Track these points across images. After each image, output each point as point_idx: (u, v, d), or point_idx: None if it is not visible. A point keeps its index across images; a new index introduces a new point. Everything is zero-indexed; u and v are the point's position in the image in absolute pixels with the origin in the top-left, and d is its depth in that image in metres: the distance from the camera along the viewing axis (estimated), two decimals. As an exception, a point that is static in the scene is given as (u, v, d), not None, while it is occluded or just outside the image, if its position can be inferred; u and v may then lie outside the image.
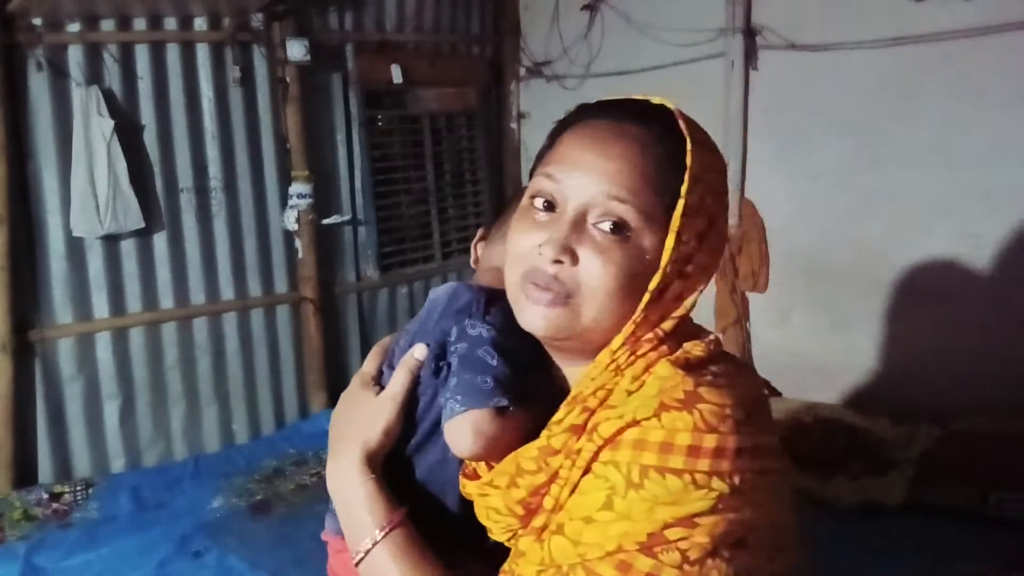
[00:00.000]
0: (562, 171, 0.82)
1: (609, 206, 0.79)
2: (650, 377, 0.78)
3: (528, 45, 4.73)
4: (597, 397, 0.80)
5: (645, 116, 0.83)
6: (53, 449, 3.41)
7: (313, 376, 4.11)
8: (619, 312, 0.80)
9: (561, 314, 0.80)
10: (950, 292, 3.29)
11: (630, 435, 0.74)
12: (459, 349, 0.89)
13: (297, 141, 3.89)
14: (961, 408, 3.18)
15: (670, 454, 0.72)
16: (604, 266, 0.78)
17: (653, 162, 0.80)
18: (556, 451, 0.79)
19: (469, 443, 0.83)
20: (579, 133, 0.85)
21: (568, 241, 0.79)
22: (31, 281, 3.32)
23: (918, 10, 3.20)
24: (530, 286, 0.81)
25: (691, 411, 0.74)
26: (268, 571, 2.86)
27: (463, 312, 0.92)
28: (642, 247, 0.79)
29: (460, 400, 0.84)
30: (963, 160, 3.20)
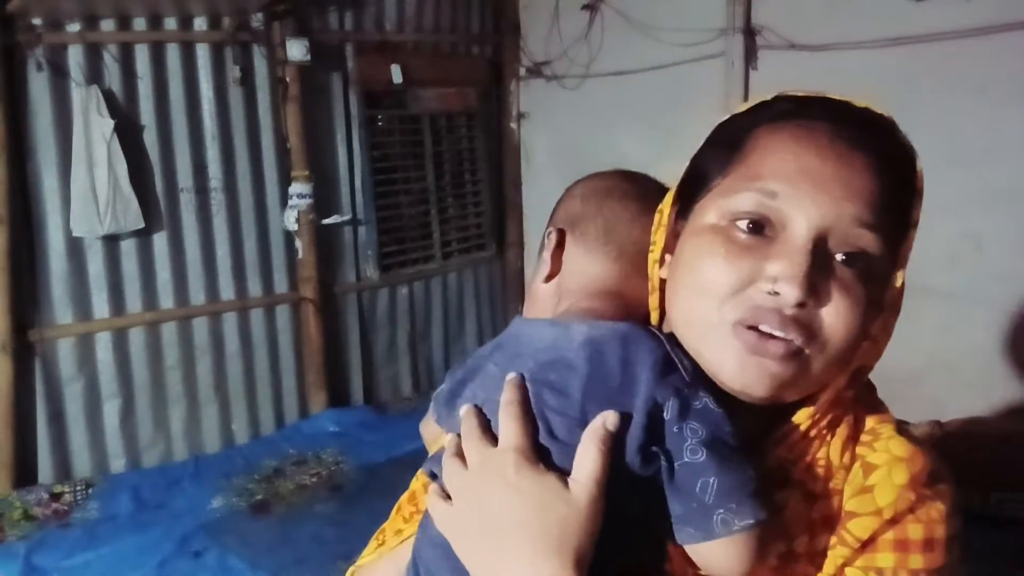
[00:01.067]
0: (789, 185, 0.63)
1: (856, 233, 0.62)
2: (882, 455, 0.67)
3: (528, 45, 4.73)
4: (816, 476, 0.67)
5: (867, 123, 0.67)
6: (53, 449, 3.41)
7: (313, 376, 4.10)
8: (848, 363, 0.65)
9: (791, 370, 0.62)
10: (950, 292, 3.29)
11: (889, 535, 0.64)
12: (692, 432, 0.63)
13: (297, 141, 3.89)
14: (961, 408, 3.18)
15: (933, 552, 0.64)
16: (852, 310, 0.62)
17: (891, 180, 0.65)
18: (798, 556, 0.66)
19: (750, 564, 0.63)
20: (799, 137, 0.65)
21: (814, 277, 0.61)
22: (31, 281, 3.32)
23: (918, 10, 3.20)
24: (747, 332, 0.62)
25: (942, 498, 0.66)
26: (268, 571, 2.86)
27: (671, 374, 0.65)
28: (879, 284, 0.65)
29: (735, 511, 0.61)
30: (963, 159, 3.20)
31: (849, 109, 0.68)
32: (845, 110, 0.68)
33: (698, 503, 0.62)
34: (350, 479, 3.56)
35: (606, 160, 0.93)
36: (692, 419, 0.63)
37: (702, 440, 0.63)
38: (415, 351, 4.59)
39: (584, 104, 4.47)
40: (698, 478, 0.62)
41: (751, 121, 0.69)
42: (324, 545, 3.00)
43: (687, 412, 0.64)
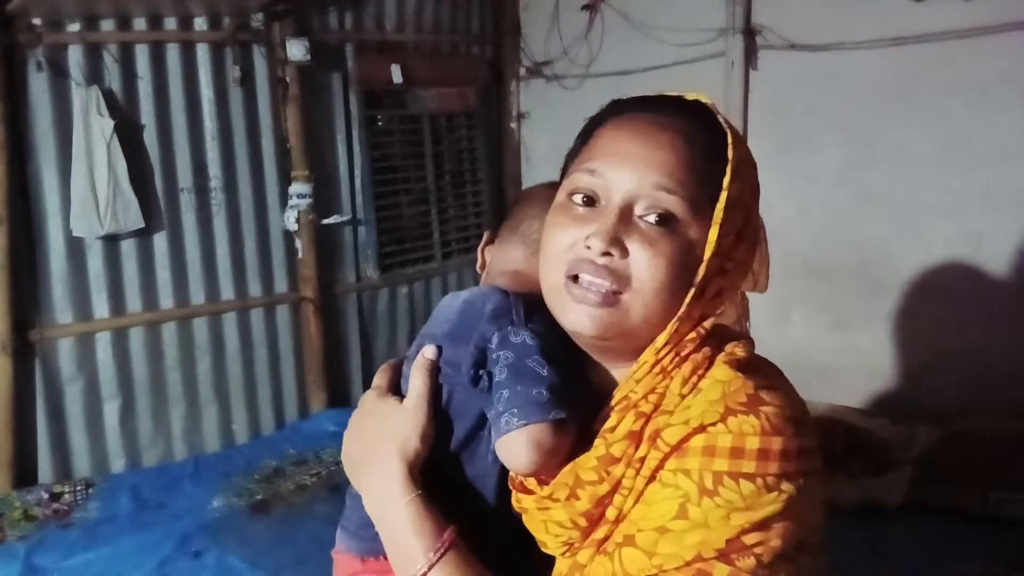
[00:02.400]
0: (605, 164, 0.80)
1: (657, 196, 0.77)
2: (707, 380, 0.77)
3: (528, 45, 4.73)
4: (649, 402, 0.78)
5: (683, 110, 0.82)
6: (53, 449, 3.41)
7: (313, 376, 4.10)
8: (665, 308, 0.77)
9: (610, 313, 0.77)
10: (950, 292, 3.29)
11: (698, 441, 0.73)
12: (505, 358, 0.84)
13: (297, 141, 3.89)
14: (961, 408, 3.18)
15: (741, 459, 0.71)
16: (654, 258, 0.76)
17: (697, 153, 0.79)
18: (616, 459, 0.77)
19: (529, 458, 0.79)
20: (619, 126, 0.83)
21: (616, 232, 0.77)
22: (31, 281, 3.32)
23: (918, 10, 3.21)
24: (575, 285, 0.79)
25: (757, 414, 0.72)
26: (268, 571, 2.86)
27: (503, 318, 0.88)
28: (689, 239, 0.77)
29: (516, 413, 0.80)
30: (963, 160, 3.21)
31: (672, 101, 0.84)
32: (660, 101, 0.84)
33: (495, 410, 0.82)
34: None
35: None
36: (506, 348, 0.85)
37: (508, 363, 0.84)
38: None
39: (584, 104, 4.37)
40: (499, 391, 0.83)
41: (600, 120, 0.87)
42: (324, 545, 2.97)
43: (505, 343, 0.85)
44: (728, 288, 0.81)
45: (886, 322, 3.46)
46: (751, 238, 0.82)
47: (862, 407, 3.42)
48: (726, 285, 0.81)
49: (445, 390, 0.89)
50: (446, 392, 0.89)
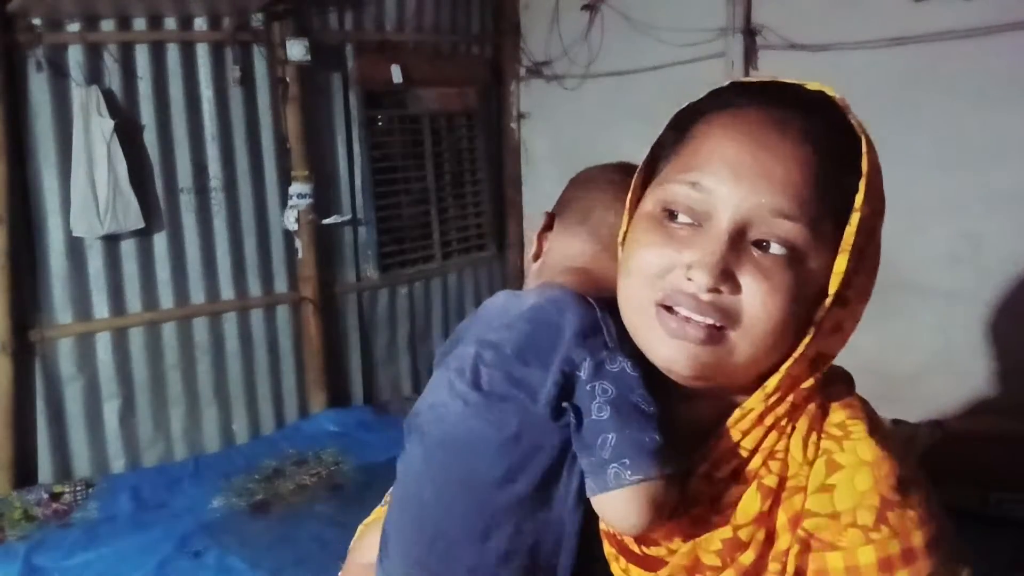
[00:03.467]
0: (712, 178, 0.66)
1: (776, 224, 0.64)
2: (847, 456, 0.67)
3: (528, 45, 4.73)
4: (771, 471, 0.67)
5: (804, 105, 0.68)
6: (53, 449, 3.41)
7: (313, 376, 4.10)
8: (780, 349, 0.66)
9: (713, 352, 0.65)
10: (950, 291, 3.29)
11: (867, 557, 0.64)
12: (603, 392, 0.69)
13: (297, 141, 3.89)
14: (961, 408, 3.18)
15: (916, 562, 0.64)
16: (771, 294, 0.64)
17: (823, 165, 0.65)
18: (744, 544, 0.67)
19: (644, 519, 0.66)
20: (727, 126, 0.68)
21: (728, 264, 0.64)
22: (31, 281, 3.32)
23: (918, 10, 3.20)
24: (669, 315, 0.66)
25: (912, 504, 0.65)
26: (268, 571, 2.86)
27: (593, 338, 0.72)
28: (809, 270, 0.65)
29: (629, 466, 0.66)
30: (963, 160, 3.20)
31: (794, 93, 0.70)
32: (789, 95, 0.69)
33: (597, 457, 0.67)
34: (350, 479, 3.56)
35: (606, 160, 0.94)
36: (604, 379, 0.69)
37: (610, 399, 0.68)
38: (415, 351, 4.59)
39: (584, 104, 4.47)
40: (600, 434, 0.67)
41: (700, 110, 0.72)
42: (324, 545, 3.00)
43: (600, 373, 0.70)
44: (848, 321, 0.69)
45: (886, 322, 3.46)
46: (873, 261, 0.69)
47: (862, 407, 3.42)
48: (846, 317, 0.69)
49: (516, 419, 0.71)
50: (517, 422, 0.71)
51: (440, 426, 0.75)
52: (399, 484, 0.80)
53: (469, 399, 0.73)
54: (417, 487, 0.76)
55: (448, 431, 0.75)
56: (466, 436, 0.73)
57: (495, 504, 0.71)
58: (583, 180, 0.91)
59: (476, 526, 0.72)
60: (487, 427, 0.72)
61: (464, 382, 0.74)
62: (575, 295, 0.76)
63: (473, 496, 0.72)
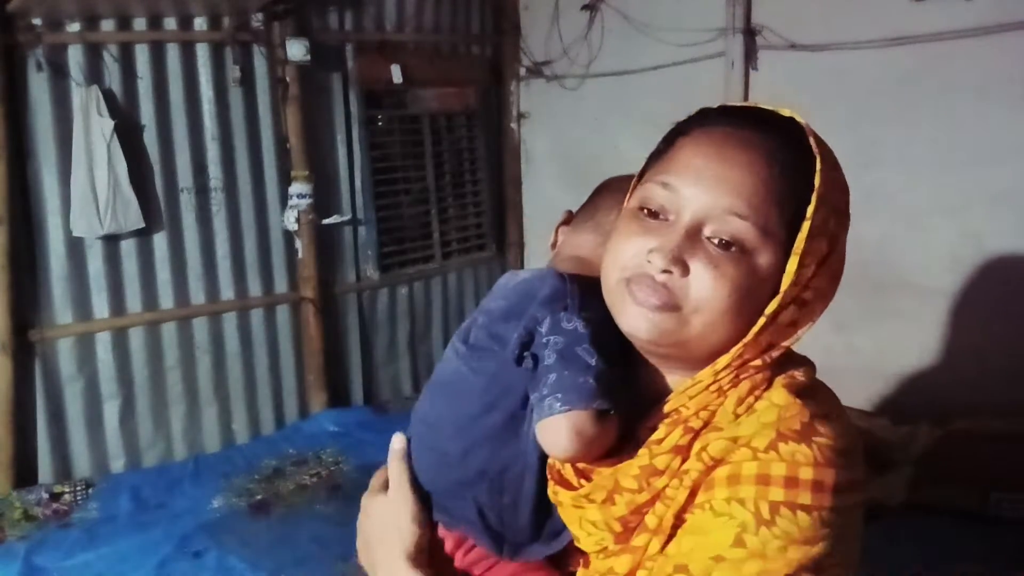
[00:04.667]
0: (678, 180, 0.78)
1: (727, 222, 0.75)
2: (763, 402, 0.76)
3: (528, 45, 4.73)
4: (700, 418, 0.77)
5: (769, 126, 0.79)
6: (53, 449, 3.41)
7: (313, 376, 4.10)
8: (728, 330, 0.76)
9: (667, 319, 0.76)
10: (950, 292, 3.29)
11: (749, 469, 0.72)
12: (554, 343, 0.83)
13: (297, 141, 3.89)
14: (961, 408, 3.18)
15: (796, 489, 0.70)
16: (716, 280, 0.74)
17: (777, 175, 0.76)
18: (659, 471, 0.77)
19: (567, 444, 0.79)
20: (699, 139, 0.80)
21: (680, 251, 0.75)
22: (31, 281, 3.32)
23: (918, 10, 3.20)
24: (634, 287, 0.77)
25: (809, 444, 0.72)
26: (268, 571, 2.86)
27: (557, 302, 0.86)
28: (758, 265, 0.75)
29: (560, 399, 0.79)
30: (963, 160, 3.20)
31: (752, 113, 0.81)
32: (748, 114, 0.81)
33: (538, 393, 0.82)
34: (350, 479, 3.56)
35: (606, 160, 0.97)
36: (557, 334, 0.84)
37: (557, 348, 0.83)
38: (415, 351, 4.59)
39: (584, 104, 4.47)
40: (545, 375, 0.82)
41: (684, 127, 0.84)
42: (324, 545, 3.00)
43: (555, 328, 0.84)
44: (804, 319, 0.78)
45: (886, 322, 3.46)
46: (834, 268, 0.80)
47: (862, 407, 3.42)
48: (802, 316, 0.78)
49: (492, 365, 0.88)
50: (493, 367, 0.87)
51: (438, 374, 0.97)
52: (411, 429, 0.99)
53: (460, 351, 0.92)
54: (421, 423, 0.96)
55: (443, 376, 0.95)
56: (454, 378, 0.92)
57: (474, 431, 0.88)
58: (599, 187, 1.06)
59: (459, 447, 0.89)
60: (469, 372, 0.90)
61: (460, 341, 0.93)
62: (556, 272, 0.91)
63: (458, 425, 0.89)
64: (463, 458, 0.89)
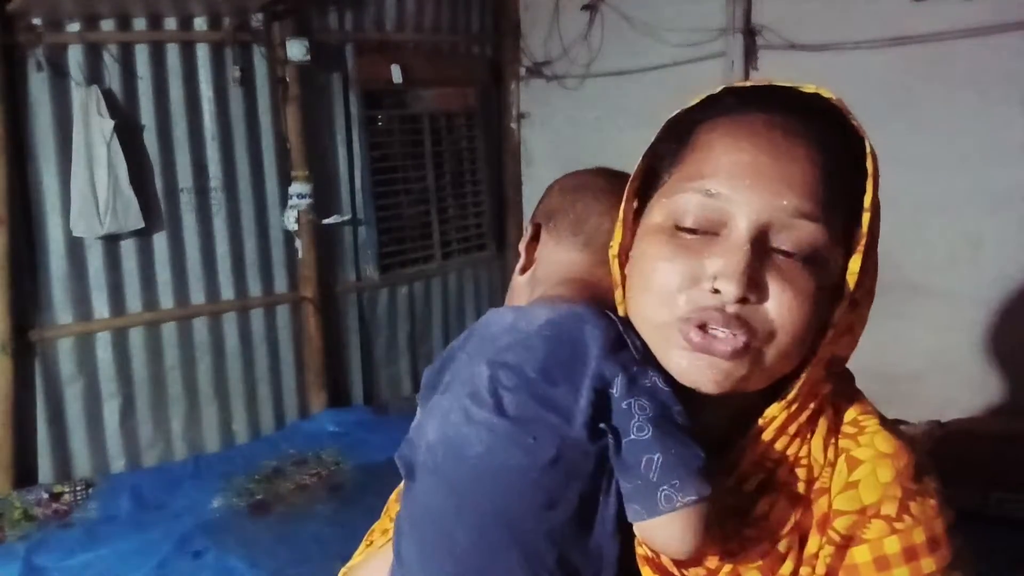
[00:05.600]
0: (727, 184, 0.64)
1: (797, 225, 0.63)
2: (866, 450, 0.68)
3: (528, 45, 4.73)
4: (798, 477, 0.67)
5: (807, 109, 0.67)
6: (53, 449, 3.41)
7: (313, 376, 4.10)
8: (801, 354, 0.65)
9: (740, 366, 0.63)
10: (950, 292, 3.29)
11: (893, 547, 0.65)
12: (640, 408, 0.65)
13: (297, 141, 3.89)
14: (961, 408, 3.18)
15: (939, 549, 0.66)
16: (796, 301, 0.62)
17: (831, 166, 0.65)
18: (783, 556, 0.67)
19: (697, 540, 0.63)
20: (732, 131, 0.66)
21: (754, 271, 0.62)
22: (31, 281, 3.32)
23: (918, 10, 3.21)
24: (694, 330, 0.63)
25: (931, 493, 0.67)
26: (268, 571, 2.86)
27: (621, 353, 0.67)
28: (829, 272, 0.65)
29: (678, 487, 0.62)
30: (963, 160, 3.20)
31: (790, 96, 0.68)
32: (786, 98, 0.68)
33: (643, 480, 0.63)
34: (350, 479, 3.56)
35: (606, 160, 0.94)
36: (640, 396, 0.65)
37: (649, 417, 0.64)
38: (415, 351, 4.59)
39: (584, 104, 4.47)
40: (643, 455, 0.63)
41: (696, 117, 0.70)
42: (324, 545, 3.00)
43: (635, 389, 0.65)
44: (858, 323, 0.69)
45: (886, 322, 3.45)
46: (875, 260, 0.69)
47: (862, 407, 3.42)
48: (856, 319, 0.68)
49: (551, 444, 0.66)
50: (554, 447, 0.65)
51: (463, 461, 0.68)
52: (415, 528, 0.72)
53: (496, 427, 0.67)
54: (447, 529, 0.69)
55: (476, 465, 0.67)
56: (498, 467, 0.66)
57: (535, 536, 0.66)
58: (571, 188, 0.87)
59: (518, 562, 0.66)
60: (521, 455, 0.66)
61: (485, 408, 0.68)
62: (592, 308, 0.71)
63: (512, 531, 0.66)
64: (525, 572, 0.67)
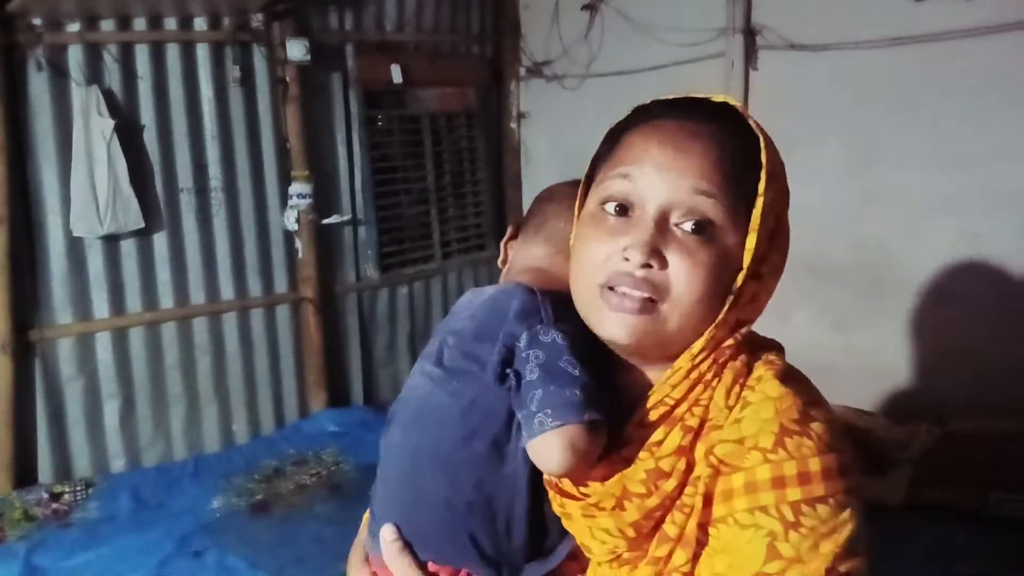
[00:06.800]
0: (638, 170, 0.78)
1: (695, 202, 0.76)
2: (756, 394, 0.77)
3: (528, 45, 4.73)
4: (694, 415, 0.78)
5: (712, 114, 0.81)
6: (53, 449, 3.41)
7: (313, 376, 4.11)
8: (703, 315, 0.77)
9: (647, 321, 0.76)
10: (950, 292, 3.29)
11: (763, 473, 0.72)
12: (535, 357, 0.82)
13: (297, 141, 3.89)
14: (961, 408, 3.18)
15: (810, 483, 0.71)
16: (693, 269, 0.75)
17: (730, 159, 0.78)
18: (666, 474, 0.77)
19: (563, 460, 0.77)
20: (649, 133, 0.81)
21: (656, 242, 0.76)
22: (31, 281, 3.32)
23: (918, 10, 3.21)
24: (611, 293, 0.77)
25: (810, 435, 0.73)
26: (268, 571, 2.86)
27: (531, 316, 0.85)
28: (726, 247, 0.77)
29: (550, 414, 0.78)
30: (963, 160, 3.21)
31: (701, 105, 0.82)
32: (688, 106, 0.82)
33: (527, 410, 0.80)
34: (350, 479, 3.56)
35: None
36: (536, 348, 0.83)
37: (540, 363, 0.81)
38: (415, 351, 4.59)
39: (584, 104, 4.47)
40: (530, 391, 0.80)
41: (627, 124, 0.85)
42: (324, 545, 3.00)
43: (534, 343, 0.83)
44: (763, 293, 0.81)
45: (886, 322, 3.46)
46: (783, 242, 0.83)
47: (862, 407, 3.42)
48: (761, 290, 0.80)
49: (472, 388, 0.85)
50: (473, 391, 0.85)
51: (411, 404, 0.91)
52: (381, 463, 0.93)
53: (434, 376, 0.89)
54: (396, 460, 0.90)
55: (417, 406, 0.90)
56: (432, 407, 0.88)
57: (458, 463, 0.84)
58: (543, 196, 1.06)
59: (443, 484, 0.85)
60: (448, 397, 0.86)
61: (431, 363, 0.91)
62: (523, 286, 0.90)
63: (439, 458, 0.85)
64: (449, 492, 0.85)
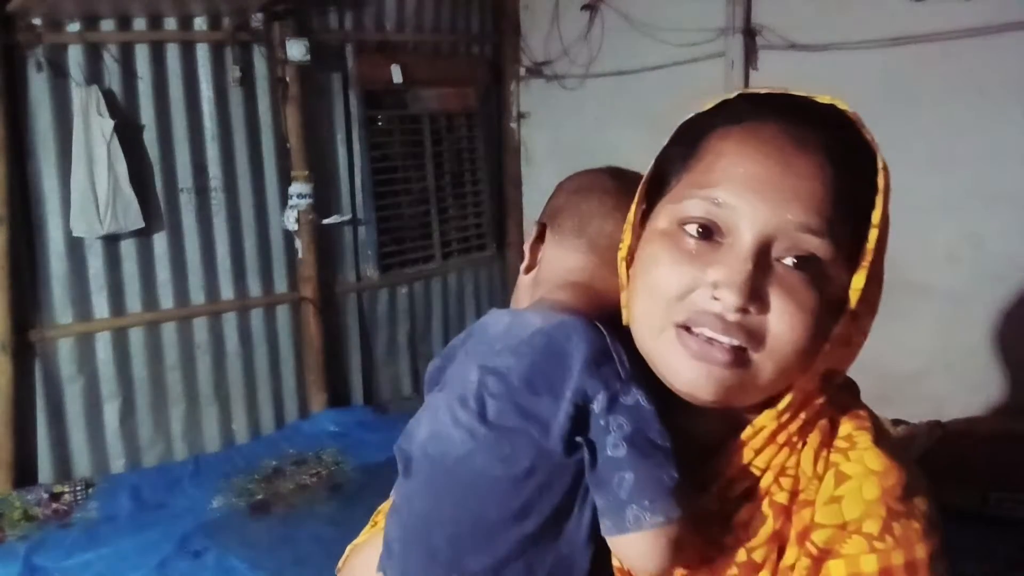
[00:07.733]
0: (733, 194, 0.63)
1: (802, 240, 0.62)
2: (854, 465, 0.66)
3: (528, 45, 4.73)
4: (782, 488, 0.67)
5: (821, 121, 0.66)
6: (53, 449, 3.41)
7: (313, 376, 4.10)
8: (797, 366, 0.64)
9: (738, 375, 0.63)
10: (950, 292, 3.29)
11: (870, 565, 0.63)
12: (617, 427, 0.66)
13: (297, 141, 3.89)
14: (961, 408, 3.18)
15: (916, 573, 0.63)
16: (798, 314, 0.62)
17: (844, 181, 0.64)
18: (759, 566, 0.66)
19: (664, 560, 0.64)
20: (744, 141, 0.66)
21: (755, 282, 0.62)
22: (31, 281, 3.32)
23: (918, 10, 3.21)
24: (690, 336, 0.63)
25: (916, 515, 0.65)
26: (268, 571, 2.86)
27: (604, 367, 0.68)
28: (831, 284, 0.64)
29: (650, 507, 0.63)
30: (963, 160, 3.20)
31: (806, 106, 0.67)
32: (801, 108, 0.67)
33: (614, 497, 0.64)
34: (350, 479, 3.56)
35: (606, 160, 0.93)
36: (619, 414, 0.66)
37: (626, 435, 0.65)
38: (415, 351, 4.59)
39: (584, 104, 4.47)
40: (616, 472, 0.64)
41: (709, 122, 0.69)
42: (324, 545, 3.00)
43: (615, 406, 0.66)
44: (857, 335, 0.68)
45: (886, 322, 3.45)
46: (880, 272, 0.68)
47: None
48: (855, 332, 0.67)
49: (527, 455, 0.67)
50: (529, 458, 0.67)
51: (444, 462, 0.71)
52: (399, 516, 0.76)
53: (476, 432, 0.69)
54: (425, 526, 0.73)
55: (455, 467, 0.70)
56: (475, 473, 0.69)
57: (506, 542, 0.68)
58: (576, 188, 0.86)
59: (487, 565, 0.69)
60: (497, 463, 0.68)
61: (469, 413, 0.70)
62: (582, 320, 0.72)
63: (484, 534, 0.69)
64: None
